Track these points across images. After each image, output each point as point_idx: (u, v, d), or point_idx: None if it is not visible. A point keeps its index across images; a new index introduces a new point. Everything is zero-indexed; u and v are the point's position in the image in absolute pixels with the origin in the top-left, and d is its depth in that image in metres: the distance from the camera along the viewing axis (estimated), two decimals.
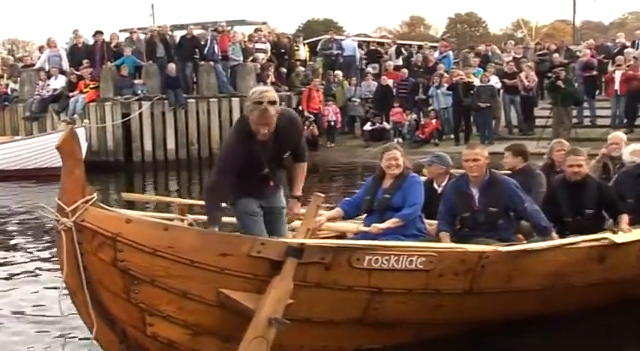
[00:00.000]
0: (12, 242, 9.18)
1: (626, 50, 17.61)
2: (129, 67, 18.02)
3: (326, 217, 5.75)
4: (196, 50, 18.29)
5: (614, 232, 5.47)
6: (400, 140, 18.42)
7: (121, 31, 20.32)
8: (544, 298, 5.13)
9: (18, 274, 7.46)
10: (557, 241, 5.34)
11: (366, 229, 5.71)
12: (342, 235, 5.96)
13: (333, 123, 18.97)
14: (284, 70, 19.34)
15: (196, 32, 18.91)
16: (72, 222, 3.90)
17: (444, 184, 6.41)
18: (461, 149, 17.41)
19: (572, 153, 6.22)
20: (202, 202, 5.03)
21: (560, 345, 5.15)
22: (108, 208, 4.22)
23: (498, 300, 4.64)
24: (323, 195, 4.39)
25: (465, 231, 5.62)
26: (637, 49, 17.82)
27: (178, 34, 19.06)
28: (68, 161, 3.91)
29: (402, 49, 21.55)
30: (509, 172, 6.66)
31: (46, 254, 8.12)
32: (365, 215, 5.94)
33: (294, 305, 4.18)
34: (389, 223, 5.58)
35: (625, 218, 6.00)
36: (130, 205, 8.79)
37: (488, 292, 4.79)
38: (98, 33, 18.61)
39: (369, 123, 19.05)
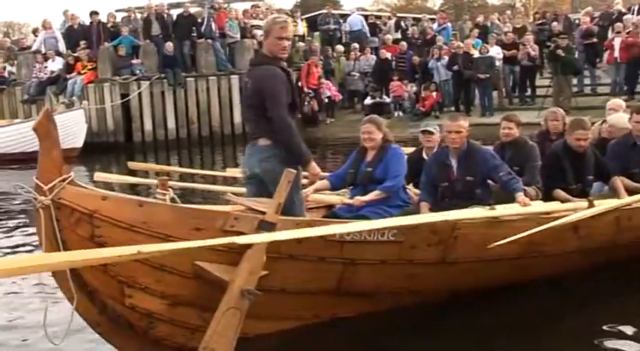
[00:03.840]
0: (10, 224, 9.28)
1: (625, 17, 17.45)
2: (126, 47, 18.05)
3: (313, 189, 5.88)
4: (194, 28, 18.27)
5: (590, 202, 5.47)
6: (401, 113, 18.46)
7: (117, 10, 20.31)
8: (518, 267, 5.20)
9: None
10: (531, 209, 5.36)
11: (350, 201, 5.79)
12: (329, 207, 6.06)
13: (328, 99, 18.93)
14: None
15: (193, 10, 18.88)
16: (49, 200, 3.97)
17: None
18: None
19: (581, 127, 6.22)
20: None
21: (535, 312, 5.21)
22: (85, 186, 4.27)
23: (472, 269, 4.70)
24: (294, 171, 4.42)
25: (445, 201, 5.70)
26: (635, 15, 17.63)
27: (175, 13, 19.01)
28: (45, 142, 3.99)
29: (401, 23, 21.42)
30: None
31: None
32: (351, 187, 6.03)
33: (268, 277, 4.28)
34: (371, 196, 5.70)
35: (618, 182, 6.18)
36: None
37: (461, 262, 4.86)
38: (94, 13, 18.62)
39: (368, 97, 19.03)
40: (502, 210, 5.19)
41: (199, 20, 18.44)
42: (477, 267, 4.95)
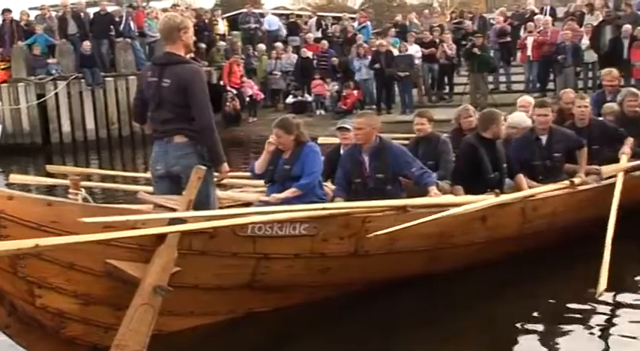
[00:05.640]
0: None
1: (536, 17, 18.02)
2: (41, 46, 17.56)
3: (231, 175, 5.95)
4: (112, 27, 17.95)
5: (497, 194, 5.66)
6: (323, 112, 18.59)
7: (30, 8, 19.74)
8: (429, 258, 5.34)
9: None
10: (439, 200, 5.53)
11: (266, 198, 5.85)
12: (247, 204, 6.09)
13: (250, 98, 18.92)
14: (203, 45, 19.16)
15: (111, 9, 18.56)
16: None
17: None
18: (383, 119, 17.65)
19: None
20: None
21: (445, 302, 5.36)
22: None
23: (384, 261, 4.82)
24: (204, 167, 4.46)
25: (357, 196, 5.79)
26: (546, 15, 18.24)
27: (92, 11, 18.66)
28: None
29: (322, 22, 21.57)
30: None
31: None
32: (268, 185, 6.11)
33: (181, 273, 4.31)
34: (287, 193, 5.76)
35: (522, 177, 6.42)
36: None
37: (373, 254, 4.97)
38: (6, 11, 18.02)
39: (290, 96, 19.09)
40: (410, 200, 5.34)
41: (117, 19, 18.14)
42: (389, 259, 5.07)
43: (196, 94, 4.95)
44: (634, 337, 4.67)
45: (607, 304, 5.18)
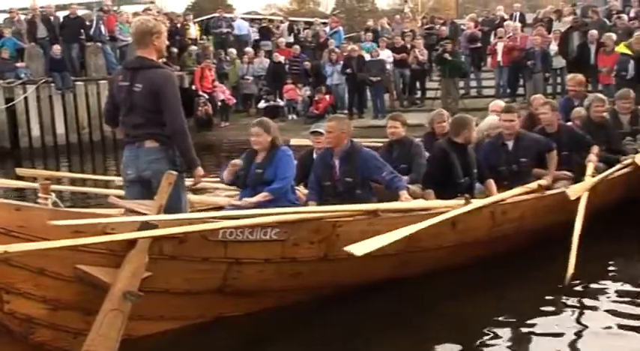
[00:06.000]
0: None
1: (505, 23, 18.22)
2: (9, 49, 17.41)
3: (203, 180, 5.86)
4: (82, 31, 17.82)
5: (467, 200, 5.73)
6: (295, 117, 18.61)
7: None
8: (399, 262, 5.36)
9: None
10: (410, 205, 5.57)
11: (238, 202, 5.86)
12: (219, 208, 6.11)
13: (222, 102, 18.89)
14: (175, 49, 19.10)
15: (81, 12, 18.42)
16: None
17: None
18: (354, 123, 17.65)
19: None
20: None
21: (415, 305, 5.39)
22: None
23: (354, 265, 4.82)
24: (175, 172, 4.47)
25: (328, 200, 5.84)
26: (515, 21, 18.46)
27: (62, 15, 18.51)
28: None
29: (294, 26, 21.62)
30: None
31: None
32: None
33: (151, 278, 4.30)
34: (259, 197, 5.79)
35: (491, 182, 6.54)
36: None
37: (344, 259, 4.95)
38: None
39: (262, 101, 19.10)
40: (381, 205, 5.37)
41: (88, 23, 18.02)
42: (359, 263, 5.07)
43: (168, 99, 4.95)
44: (599, 335, 4.77)
45: (575, 304, 5.28)
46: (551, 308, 5.22)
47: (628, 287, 5.64)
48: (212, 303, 4.78)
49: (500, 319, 5.09)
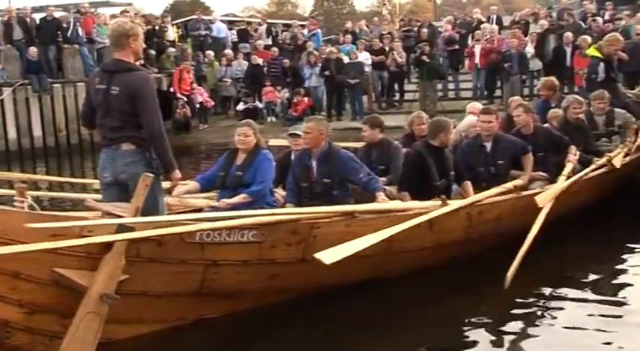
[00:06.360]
0: None
1: (482, 25, 18.36)
2: None
3: (184, 190, 5.99)
4: (59, 33, 17.71)
5: (444, 201, 5.78)
6: (274, 119, 18.61)
7: None
8: (377, 263, 5.37)
9: None
10: (387, 206, 5.60)
11: (216, 204, 5.87)
12: (198, 210, 6.08)
13: (200, 105, 18.85)
14: (153, 52, 19.04)
15: (58, 14, 18.30)
16: None
17: None
18: (333, 125, 17.66)
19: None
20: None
21: (394, 305, 5.42)
22: None
23: (332, 266, 4.84)
24: (151, 175, 4.47)
25: (305, 201, 5.86)
26: (492, 23, 18.60)
27: (38, 17, 18.37)
28: None
29: (272, 29, 21.63)
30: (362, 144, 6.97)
31: None
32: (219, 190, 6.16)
33: (129, 280, 4.30)
34: (237, 199, 5.83)
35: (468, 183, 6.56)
36: None
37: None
38: None
39: (241, 103, 19.09)
40: (358, 206, 5.40)
41: (65, 25, 17.91)
42: (337, 264, 5.10)
43: (145, 102, 4.94)
44: (573, 335, 4.83)
45: (552, 306, 5.34)
46: (527, 309, 5.26)
47: (597, 289, 5.70)
48: (191, 305, 4.78)
49: (477, 319, 5.12)
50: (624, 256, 6.54)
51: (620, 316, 5.09)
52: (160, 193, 5.10)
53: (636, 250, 6.72)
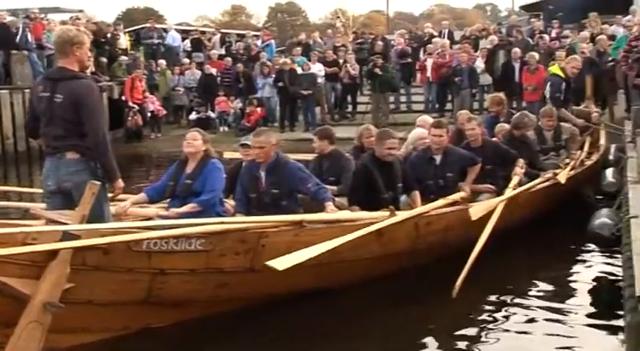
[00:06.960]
0: None
1: (434, 39, 18.61)
2: None
3: (130, 202, 5.97)
4: (7, 38, 17.39)
5: (392, 211, 5.83)
6: (226, 129, 18.55)
7: None
8: (325, 273, 5.40)
9: None
10: (335, 216, 5.64)
11: (166, 213, 5.86)
12: (148, 219, 6.06)
13: (152, 113, 18.70)
14: (104, 59, 18.83)
15: (7, 19, 17.96)
16: None
17: None
18: (286, 136, 17.65)
19: (390, 136, 6.54)
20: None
21: (342, 314, 5.46)
22: None
23: (280, 276, 4.85)
24: (98, 183, 4.44)
25: (254, 211, 5.87)
26: (444, 38, 18.87)
27: None
28: None
29: (226, 38, 21.59)
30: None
31: None
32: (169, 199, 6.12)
33: (74, 289, 4.26)
34: (186, 208, 5.83)
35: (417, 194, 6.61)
36: None
37: (270, 269, 4.98)
38: None
39: (194, 112, 18.99)
40: (307, 216, 5.43)
41: (14, 30, 17.59)
42: (286, 274, 5.11)
43: (89, 110, 4.92)
44: (519, 336, 4.99)
45: (498, 313, 5.45)
46: (474, 317, 5.37)
47: (540, 297, 5.86)
48: (138, 314, 4.74)
49: (425, 328, 5.20)
50: (565, 265, 6.77)
51: (561, 321, 5.26)
52: (105, 201, 5.08)
53: (577, 259, 6.94)
